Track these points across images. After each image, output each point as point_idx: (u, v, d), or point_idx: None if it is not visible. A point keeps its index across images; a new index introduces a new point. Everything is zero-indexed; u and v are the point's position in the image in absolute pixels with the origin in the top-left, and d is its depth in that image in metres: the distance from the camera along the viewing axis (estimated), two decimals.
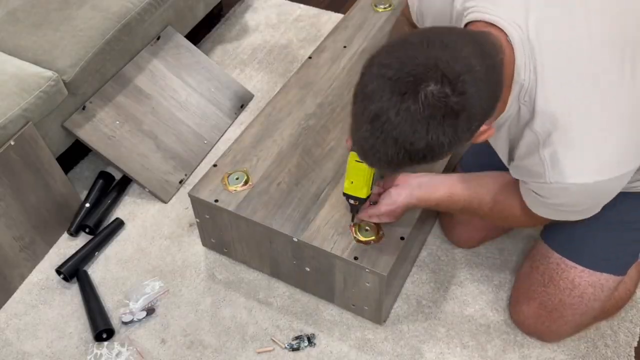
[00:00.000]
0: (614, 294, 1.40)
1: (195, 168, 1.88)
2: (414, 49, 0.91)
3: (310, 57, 1.84)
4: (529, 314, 1.42)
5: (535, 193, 1.12)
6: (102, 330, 1.50)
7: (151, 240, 1.71)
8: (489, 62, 0.94)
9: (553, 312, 1.37)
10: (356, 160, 1.30)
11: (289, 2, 2.46)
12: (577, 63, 1.01)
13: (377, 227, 1.41)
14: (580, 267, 1.32)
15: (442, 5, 1.15)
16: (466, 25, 1.06)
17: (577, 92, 1.00)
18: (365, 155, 1.00)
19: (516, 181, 1.20)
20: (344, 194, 1.35)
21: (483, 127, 1.00)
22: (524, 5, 1.01)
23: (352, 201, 1.36)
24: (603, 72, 1.01)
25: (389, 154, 0.94)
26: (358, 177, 1.31)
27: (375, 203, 1.37)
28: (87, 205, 1.75)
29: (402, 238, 1.40)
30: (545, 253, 1.38)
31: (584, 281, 1.32)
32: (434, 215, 1.67)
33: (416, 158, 0.95)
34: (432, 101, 0.88)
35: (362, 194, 1.33)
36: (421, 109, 0.89)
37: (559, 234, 1.36)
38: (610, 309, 1.45)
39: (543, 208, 1.15)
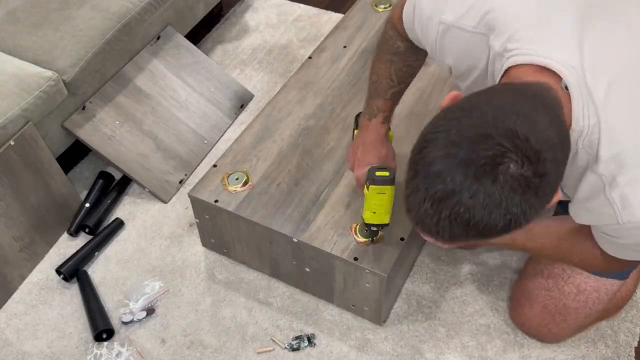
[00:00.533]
0: (616, 294, 1.40)
1: (195, 168, 1.88)
2: (486, 123, 0.81)
3: (310, 57, 1.84)
4: (531, 316, 1.42)
5: (608, 235, 1.06)
6: (102, 330, 1.50)
7: (151, 240, 1.71)
8: (561, 129, 0.87)
9: (556, 315, 1.37)
10: (378, 193, 1.26)
11: (289, 2, 2.46)
12: (638, 98, 0.95)
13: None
14: (585, 273, 1.32)
15: (471, 42, 1.06)
16: (508, 69, 0.97)
17: None
18: (425, 229, 0.88)
19: (580, 226, 1.13)
20: (366, 224, 1.34)
21: None
22: (575, 43, 0.94)
23: (374, 228, 1.35)
24: None
25: (457, 232, 0.85)
26: (380, 207, 1.29)
27: None
28: (87, 205, 1.75)
29: (402, 239, 1.40)
30: None
31: (589, 286, 1.32)
32: None
33: (488, 235, 0.86)
34: (512, 185, 0.80)
35: (387, 220, 1.33)
36: (499, 192, 0.80)
37: None
38: (611, 309, 1.45)
39: (617, 249, 1.10)
